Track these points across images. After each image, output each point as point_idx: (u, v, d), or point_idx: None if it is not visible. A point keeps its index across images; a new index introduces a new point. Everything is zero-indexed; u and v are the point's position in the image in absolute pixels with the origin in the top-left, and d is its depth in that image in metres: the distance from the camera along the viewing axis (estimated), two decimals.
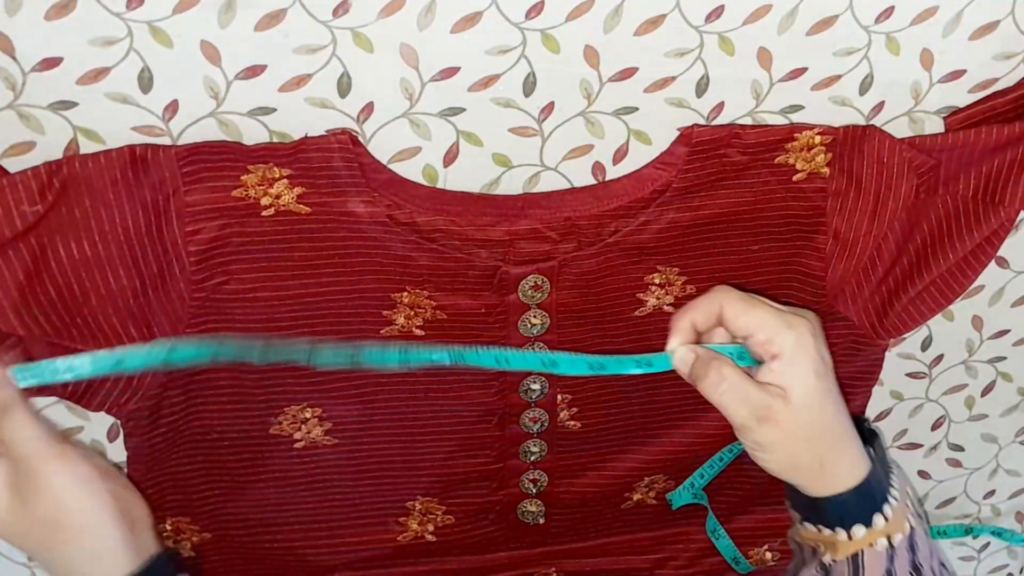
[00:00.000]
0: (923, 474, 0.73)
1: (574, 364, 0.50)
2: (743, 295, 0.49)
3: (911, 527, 0.50)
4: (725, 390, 0.47)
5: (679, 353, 0.49)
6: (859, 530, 0.49)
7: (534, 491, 0.63)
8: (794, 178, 0.54)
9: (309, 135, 0.49)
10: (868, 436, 0.53)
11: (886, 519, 0.49)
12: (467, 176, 0.52)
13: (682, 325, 0.50)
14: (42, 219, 0.46)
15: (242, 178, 0.49)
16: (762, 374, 0.48)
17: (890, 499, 0.50)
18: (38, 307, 0.47)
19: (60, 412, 0.56)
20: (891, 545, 0.49)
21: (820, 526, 0.50)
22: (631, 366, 0.50)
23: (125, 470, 0.58)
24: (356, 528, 0.63)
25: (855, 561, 0.49)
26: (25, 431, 0.45)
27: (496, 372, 0.57)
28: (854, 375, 0.63)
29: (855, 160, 0.53)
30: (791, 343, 0.47)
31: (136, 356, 0.46)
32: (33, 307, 0.47)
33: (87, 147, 0.47)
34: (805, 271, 0.57)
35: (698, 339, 0.51)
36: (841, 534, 0.49)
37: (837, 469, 0.49)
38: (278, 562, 0.63)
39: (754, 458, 0.49)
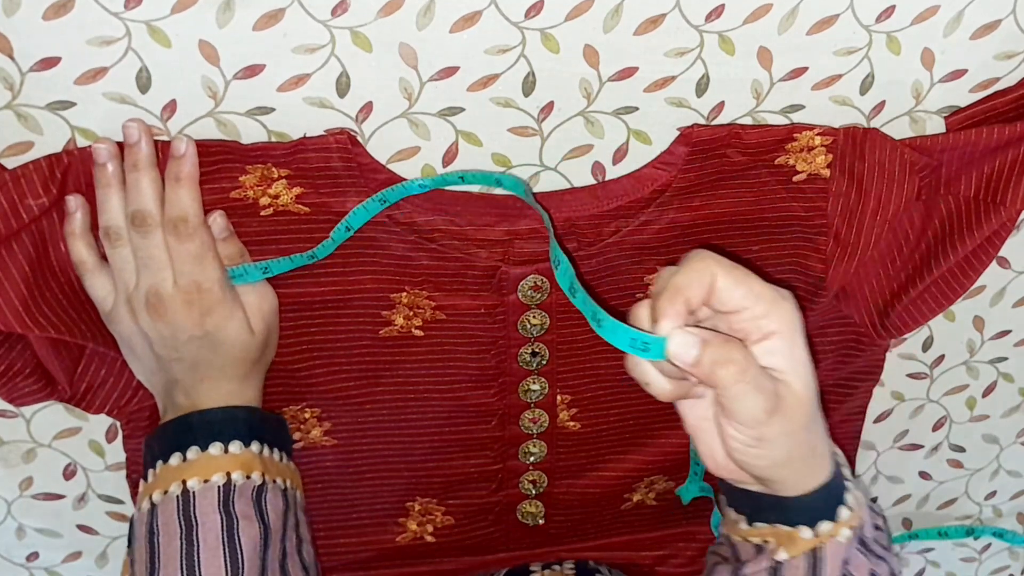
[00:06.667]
0: (924, 475, 0.73)
1: (566, 274, 0.44)
2: (730, 262, 0.41)
3: (861, 505, 0.47)
4: (750, 378, 0.40)
5: (679, 339, 0.40)
6: (824, 525, 0.45)
7: (534, 492, 0.63)
8: (794, 179, 0.54)
9: (308, 135, 0.49)
10: None
11: (850, 509, 0.46)
12: None
13: (676, 307, 0.41)
14: (46, 213, 0.47)
15: (240, 179, 0.49)
16: (758, 356, 0.41)
17: (847, 483, 0.47)
18: (44, 303, 0.47)
19: (58, 412, 0.56)
20: (852, 534, 0.46)
21: (777, 524, 0.46)
22: (624, 341, 0.41)
23: (125, 471, 0.58)
24: (355, 529, 0.63)
25: (815, 554, 0.45)
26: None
27: (496, 372, 0.57)
28: (855, 375, 0.63)
29: (856, 161, 0.53)
30: (788, 319, 0.41)
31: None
32: (40, 303, 0.47)
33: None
34: (806, 272, 0.57)
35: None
36: (804, 531, 0.45)
37: (822, 458, 0.45)
38: None
39: (741, 455, 0.43)
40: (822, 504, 0.45)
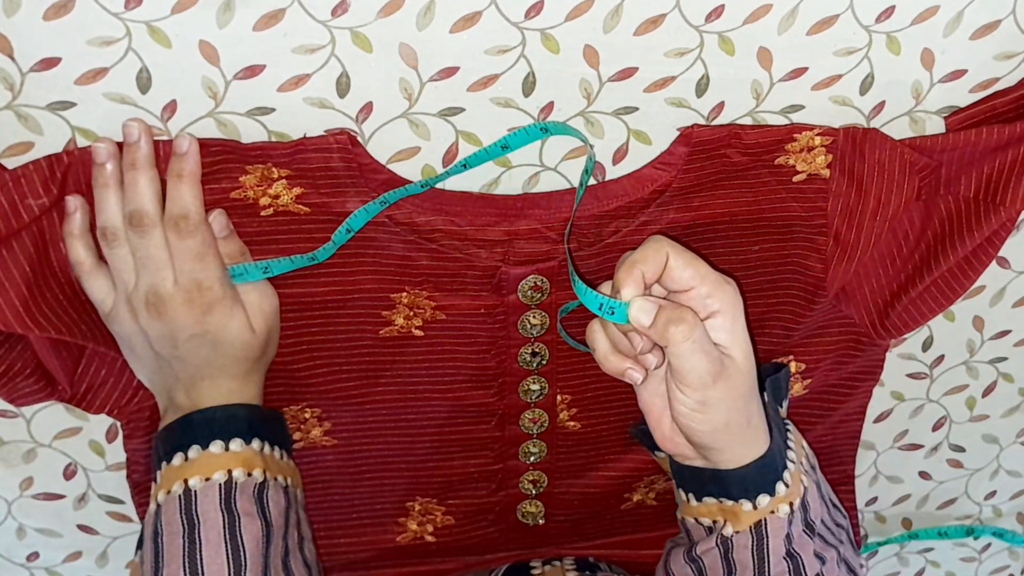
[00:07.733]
0: (924, 475, 0.73)
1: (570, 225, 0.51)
2: (681, 246, 0.47)
3: (804, 488, 0.51)
4: (697, 338, 0.45)
5: (639, 304, 0.46)
6: (763, 499, 0.49)
7: (534, 492, 0.63)
8: (794, 179, 0.54)
9: (308, 135, 0.49)
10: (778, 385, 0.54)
11: (786, 485, 0.50)
12: (467, 176, 0.52)
13: (634, 277, 0.46)
14: (46, 213, 0.47)
15: (240, 179, 0.49)
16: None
17: (789, 464, 0.51)
18: (44, 303, 0.47)
19: (58, 412, 0.56)
20: (791, 510, 0.50)
21: (722, 499, 0.50)
22: (595, 304, 0.47)
23: (125, 471, 0.58)
24: (355, 529, 0.63)
25: (758, 530, 0.49)
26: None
27: (496, 372, 0.57)
28: (855, 375, 0.63)
29: (856, 162, 0.53)
30: (730, 300, 0.47)
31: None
32: (40, 303, 0.47)
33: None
34: (806, 272, 0.57)
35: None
36: (746, 504, 0.49)
37: (758, 432, 0.49)
38: None
39: (687, 419, 0.47)
40: (759, 478, 0.49)
